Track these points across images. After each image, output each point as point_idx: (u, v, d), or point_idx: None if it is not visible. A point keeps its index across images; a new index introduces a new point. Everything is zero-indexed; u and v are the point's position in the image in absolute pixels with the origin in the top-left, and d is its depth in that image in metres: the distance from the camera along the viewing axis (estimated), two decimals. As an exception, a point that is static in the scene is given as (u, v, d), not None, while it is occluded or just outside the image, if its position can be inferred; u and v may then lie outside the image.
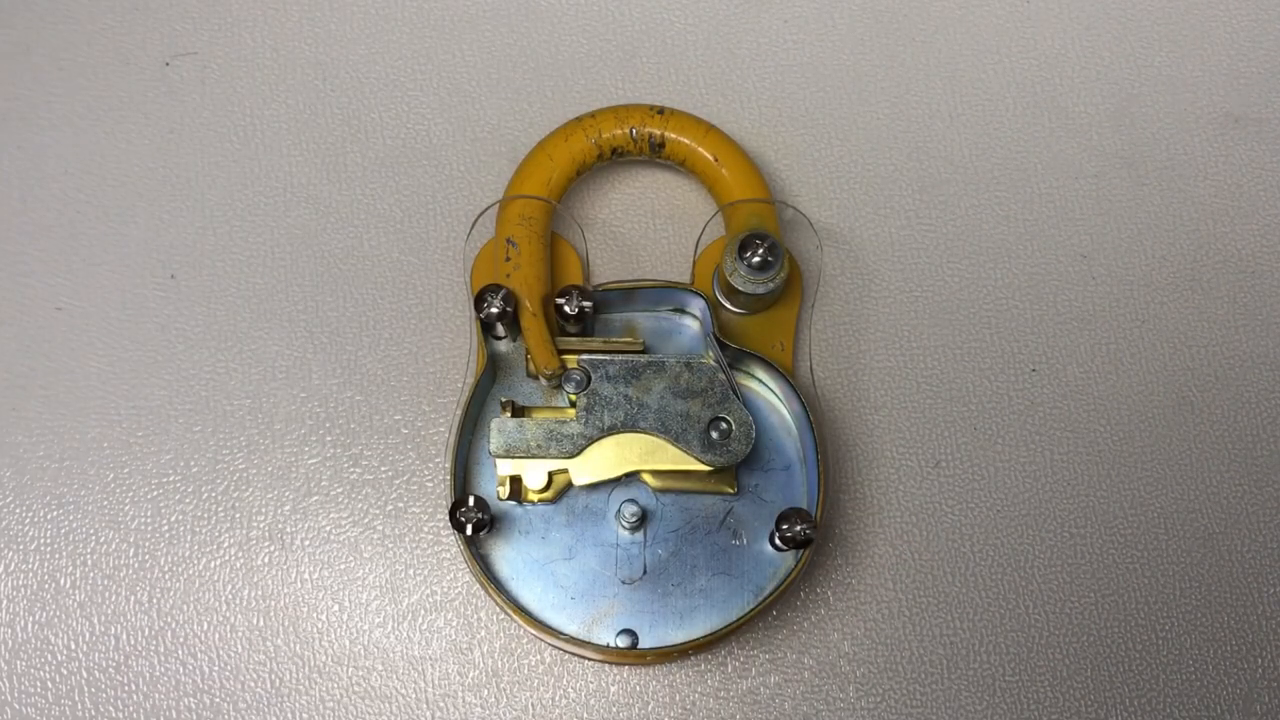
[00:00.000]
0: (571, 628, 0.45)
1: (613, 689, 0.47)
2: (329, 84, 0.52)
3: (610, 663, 0.46)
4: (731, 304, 0.48)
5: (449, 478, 0.45)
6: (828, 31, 0.53)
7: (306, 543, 0.48)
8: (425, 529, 0.48)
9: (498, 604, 0.45)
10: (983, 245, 0.51)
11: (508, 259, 0.46)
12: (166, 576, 0.47)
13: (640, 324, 0.48)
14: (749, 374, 0.47)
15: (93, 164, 0.51)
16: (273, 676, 0.47)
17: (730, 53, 0.53)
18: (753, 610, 0.44)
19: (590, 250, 0.50)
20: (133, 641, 0.47)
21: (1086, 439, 0.49)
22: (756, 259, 0.46)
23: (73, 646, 0.47)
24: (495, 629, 0.47)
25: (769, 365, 0.46)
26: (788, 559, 0.45)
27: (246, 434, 0.48)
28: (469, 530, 0.44)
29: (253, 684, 0.47)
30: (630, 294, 0.47)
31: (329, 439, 0.48)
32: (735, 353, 0.46)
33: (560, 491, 0.46)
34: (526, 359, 0.46)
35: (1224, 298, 0.51)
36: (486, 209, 0.49)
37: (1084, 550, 0.48)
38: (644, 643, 0.45)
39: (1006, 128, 0.52)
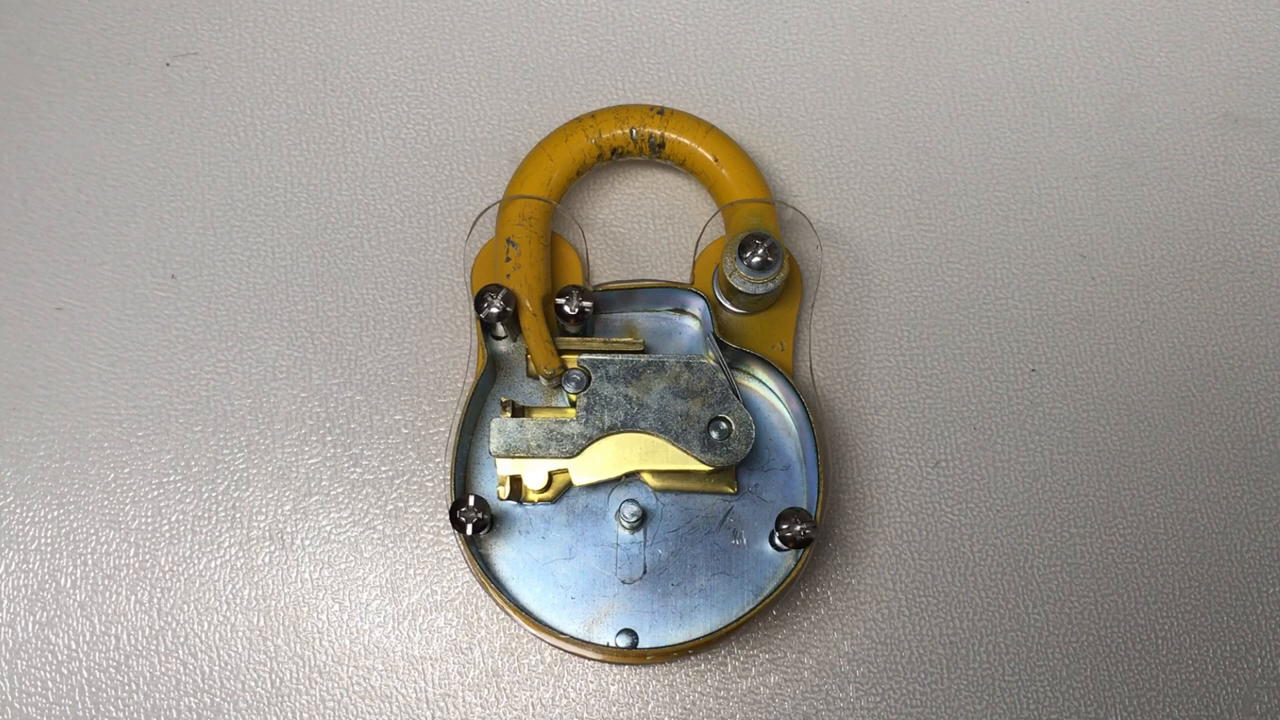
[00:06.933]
0: (571, 627, 0.45)
1: (613, 689, 0.47)
2: (329, 84, 0.52)
3: (610, 662, 0.46)
4: (731, 304, 0.48)
5: (449, 478, 0.45)
6: (828, 31, 0.53)
7: (307, 542, 0.48)
8: (425, 529, 0.48)
9: (498, 604, 0.45)
10: (983, 245, 0.51)
11: (508, 259, 0.46)
12: (167, 576, 0.47)
13: (640, 324, 0.48)
14: (749, 374, 0.47)
15: (93, 164, 0.51)
16: (273, 676, 0.47)
17: (730, 53, 0.53)
18: (753, 610, 0.44)
19: (590, 250, 0.50)
20: (133, 641, 0.47)
21: (1086, 439, 0.49)
22: (756, 259, 0.46)
23: (73, 646, 0.47)
24: (495, 629, 0.47)
25: (769, 365, 0.46)
26: (788, 559, 0.45)
27: (246, 434, 0.48)
28: (469, 530, 0.44)
29: (253, 684, 0.47)
30: (630, 294, 0.47)
31: (329, 439, 0.48)
32: (735, 353, 0.46)
33: (560, 491, 0.46)
34: (526, 359, 0.46)
35: (1223, 297, 0.51)
36: (486, 209, 0.49)
37: (1084, 550, 0.48)
38: (644, 642, 0.45)
39: (1006, 128, 0.52)
